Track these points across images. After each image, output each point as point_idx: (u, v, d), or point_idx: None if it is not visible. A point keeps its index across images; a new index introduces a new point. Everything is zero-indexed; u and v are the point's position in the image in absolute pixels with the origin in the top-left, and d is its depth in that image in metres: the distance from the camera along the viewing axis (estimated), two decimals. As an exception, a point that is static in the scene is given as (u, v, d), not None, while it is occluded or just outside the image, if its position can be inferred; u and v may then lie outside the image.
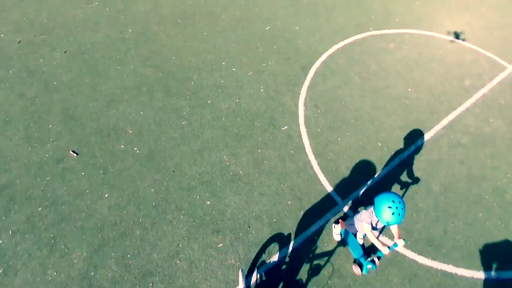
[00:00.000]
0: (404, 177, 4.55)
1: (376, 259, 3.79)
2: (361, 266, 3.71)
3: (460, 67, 5.97)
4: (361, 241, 4.00)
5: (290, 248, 3.89)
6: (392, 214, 2.82)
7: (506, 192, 4.48)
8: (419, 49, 6.20)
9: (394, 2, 7.12)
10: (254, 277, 3.66)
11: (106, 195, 4.13)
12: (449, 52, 6.21)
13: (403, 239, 3.20)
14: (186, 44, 5.88)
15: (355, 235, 3.90)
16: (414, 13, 6.89)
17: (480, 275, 3.84)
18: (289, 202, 4.24)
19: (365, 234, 3.89)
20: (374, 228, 3.36)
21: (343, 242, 3.97)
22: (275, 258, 3.81)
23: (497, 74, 5.91)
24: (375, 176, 4.53)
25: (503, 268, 3.91)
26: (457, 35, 6.50)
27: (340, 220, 4.01)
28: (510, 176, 4.63)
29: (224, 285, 3.61)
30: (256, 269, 3.70)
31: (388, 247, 3.17)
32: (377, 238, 3.35)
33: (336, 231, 3.99)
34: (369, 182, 4.46)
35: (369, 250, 3.93)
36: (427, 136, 4.97)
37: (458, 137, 5.00)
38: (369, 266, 3.64)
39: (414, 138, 4.95)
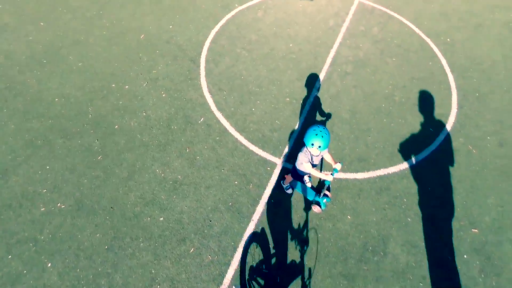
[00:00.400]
0: (318, 117, 5.07)
1: (327, 192, 4.23)
2: (318, 204, 4.09)
3: (320, 12, 6.78)
4: (309, 184, 4.38)
5: (255, 221, 4.06)
6: (316, 135, 3.28)
7: (394, 95, 5.38)
8: (283, 9, 6.82)
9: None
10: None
11: (49, 264, 3.68)
12: (307, 3, 6.97)
13: (339, 162, 3.65)
14: (64, 81, 5.40)
15: (302, 182, 4.27)
16: (266, -19, 7.50)
17: (405, 165, 4.60)
18: (236, 182, 4.38)
19: (310, 176, 4.29)
20: (314, 166, 3.75)
21: (295, 193, 4.30)
22: (246, 235, 3.95)
23: (349, 8, 6.89)
24: (296, 127, 4.95)
25: (417, 151, 4.73)
26: (307, -12, 7.31)
27: (285, 176, 4.32)
28: (392, 82, 5.55)
29: (212, 283, 3.62)
30: (247, 275, 3.75)
31: (331, 174, 3.57)
32: (320, 172, 3.75)
33: (285, 186, 4.29)
34: (293, 134, 4.87)
35: (319, 189, 4.34)
36: (321, 77, 5.59)
37: (344, 68, 5.75)
38: (325, 200, 4.05)
39: (312, 82, 5.52)
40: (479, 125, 5.06)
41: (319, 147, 3.29)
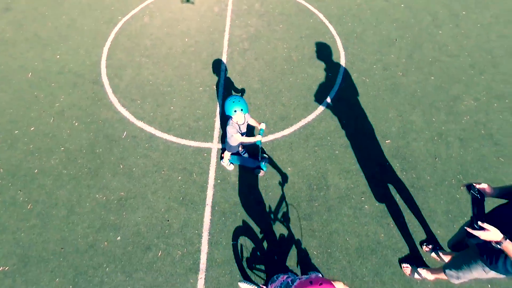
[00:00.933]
0: (234, 93, 5.39)
1: (264, 155, 4.61)
2: (259, 167, 4.44)
3: (203, 3, 7.05)
4: (246, 155, 4.70)
5: (210, 204, 4.24)
6: (233, 102, 3.63)
7: (292, 56, 5.96)
8: (168, 9, 6.93)
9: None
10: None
11: (14, 330, 3.41)
12: (189, -2, 7.22)
13: (263, 122, 4.02)
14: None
15: (239, 154, 4.57)
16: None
17: (319, 110, 5.19)
18: (179, 177, 4.49)
19: (244, 146, 4.60)
20: (243, 134, 4.06)
21: (237, 166, 4.59)
22: (206, 220, 4.12)
23: (228, -7, 7.32)
24: (217, 110, 5.21)
25: (325, 95, 5.37)
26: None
27: (222, 155, 4.56)
28: (286, 46, 6.13)
29: (190, 273, 3.74)
30: (247, 268, 3.88)
31: (259, 134, 3.92)
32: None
33: (226, 163, 4.55)
34: (217, 116, 5.12)
35: (255, 155, 4.68)
36: (224, 60, 5.91)
37: (241, 46, 6.15)
38: (264, 162, 4.43)
39: (217, 67, 5.81)
40: (364, 58, 5.92)
41: (241, 110, 3.62)
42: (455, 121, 5.06)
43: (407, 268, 3.75)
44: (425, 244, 3.94)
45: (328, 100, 5.33)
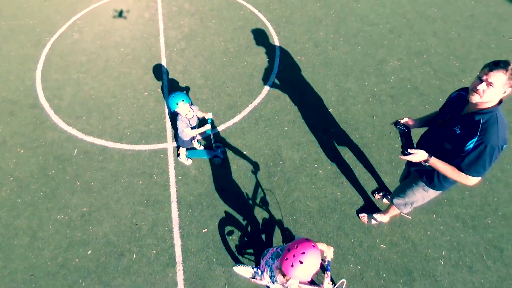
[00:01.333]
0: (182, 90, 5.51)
1: (218, 144, 4.79)
2: (217, 156, 4.63)
3: (133, 11, 7.04)
4: (201, 147, 4.85)
5: (175, 200, 4.36)
6: (173, 97, 3.82)
7: (229, 48, 6.19)
8: (97, 22, 6.83)
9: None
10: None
11: None
12: (117, 9, 7.13)
13: (210, 112, 4.20)
14: None
15: (194, 148, 4.72)
16: (65, 4, 7.28)
17: (264, 93, 5.47)
18: (140, 182, 4.54)
19: (198, 140, 4.75)
20: (193, 128, 4.22)
21: (194, 160, 4.74)
22: (174, 216, 4.23)
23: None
24: (165, 111, 5.30)
25: (267, 79, 5.66)
26: (109, -5, 7.43)
27: (178, 152, 4.68)
28: (221, 39, 6.34)
29: (168, 268, 3.84)
30: (237, 254, 4.00)
31: (207, 124, 4.10)
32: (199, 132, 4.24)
33: (183, 159, 4.67)
34: (167, 117, 5.21)
35: (209, 147, 4.85)
36: (164, 63, 5.99)
37: (178, 46, 6.26)
38: (220, 151, 4.62)
39: (159, 70, 5.88)
40: (296, 40, 6.31)
41: (183, 100, 3.77)
42: (385, 82, 5.60)
43: (364, 217, 4.15)
44: (376, 192, 4.38)
45: (270, 83, 5.64)
